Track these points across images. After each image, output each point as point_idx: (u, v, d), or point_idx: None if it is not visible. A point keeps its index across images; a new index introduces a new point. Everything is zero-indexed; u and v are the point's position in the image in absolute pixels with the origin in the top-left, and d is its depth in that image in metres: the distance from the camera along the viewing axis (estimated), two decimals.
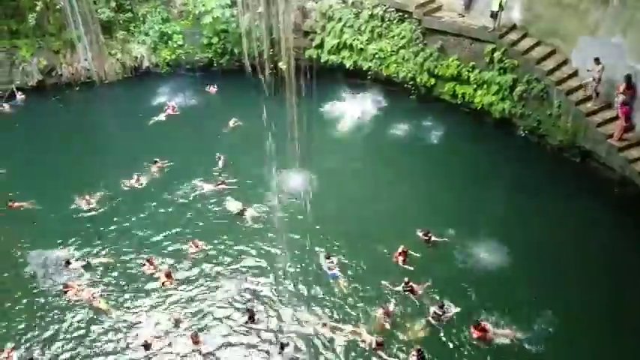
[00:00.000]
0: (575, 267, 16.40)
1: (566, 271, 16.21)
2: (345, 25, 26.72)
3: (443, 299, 15.08)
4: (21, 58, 29.49)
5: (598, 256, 16.89)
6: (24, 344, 14.38)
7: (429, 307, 14.90)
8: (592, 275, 16.12)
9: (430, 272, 16.22)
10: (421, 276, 16.00)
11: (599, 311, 14.83)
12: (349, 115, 25.97)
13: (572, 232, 17.90)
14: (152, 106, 28.02)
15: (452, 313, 14.68)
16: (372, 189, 20.73)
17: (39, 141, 25.54)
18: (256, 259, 17.17)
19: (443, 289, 15.58)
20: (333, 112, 26.22)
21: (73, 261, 16.91)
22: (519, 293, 15.58)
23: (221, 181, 20.91)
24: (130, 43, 31.11)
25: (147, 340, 13.89)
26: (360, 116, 25.90)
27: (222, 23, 28.96)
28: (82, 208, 19.65)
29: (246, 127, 25.05)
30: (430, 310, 14.75)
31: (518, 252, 16.87)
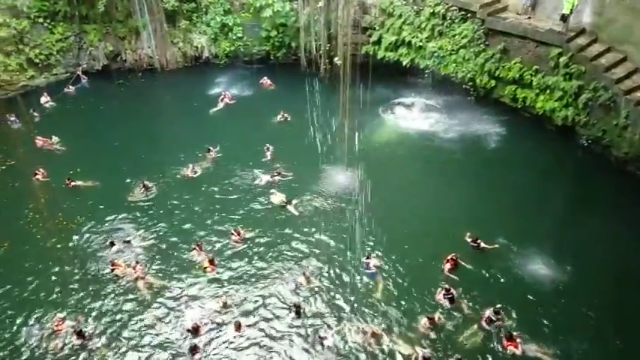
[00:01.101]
0: (637, 295, 15.27)
1: (624, 297, 15.09)
2: (405, 22, 26.23)
3: (485, 310, 14.50)
4: (89, 43, 30.80)
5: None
6: (69, 314, 14.98)
7: (480, 312, 14.44)
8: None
9: (475, 280, 15.68)
10: (465, 284, 15.48)
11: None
12: (403, 114, 25.55)
13: (635, 252, 16.75)
14: (209, 95, 28.58)
15: (506, 322, 14.10)
16: (421, 190, 20.28)
17: (101, 123, 26.59)
18: (297, 253, 17.13)
19: (487, 299, 14.96)
20: (386, 109, 25.86)
21: (117, 242, 17.46)
22: (568, 311, 14.72)
23: (277, 172, 20.98)
24: (191, 33, 31.85)
25: (196, 324, 14.09)
26: (414, 115, 25.42)
27: (282, 17, 29.11)
28: (138, 192, 20.21)
29: (296, 120, 25.07)
30: (485, 314, 14.27)
31: (573, 268, 15.99)
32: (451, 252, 16.24)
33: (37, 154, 22.99)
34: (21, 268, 16.73)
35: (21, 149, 22.73)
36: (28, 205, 19.38)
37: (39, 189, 20.33)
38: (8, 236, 17.88)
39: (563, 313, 14.63)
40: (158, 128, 26.21)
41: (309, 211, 19.04)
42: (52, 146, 23.82)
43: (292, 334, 14.18)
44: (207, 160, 22.29)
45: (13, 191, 20.65)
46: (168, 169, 21.62)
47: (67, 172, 21.36)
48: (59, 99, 28.74)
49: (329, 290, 15.56)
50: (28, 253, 17.37)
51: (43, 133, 24.20)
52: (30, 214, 19.06)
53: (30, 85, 29.33)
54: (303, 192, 20.08)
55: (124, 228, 18.49)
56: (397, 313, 14.69)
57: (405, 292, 15.41)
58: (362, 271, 16.15)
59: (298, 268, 16.41)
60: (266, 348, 13.87)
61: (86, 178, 21.12)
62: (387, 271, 16.14)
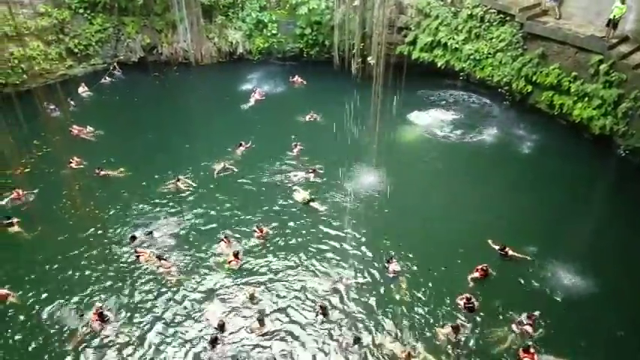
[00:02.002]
0: None
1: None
2: (442, 23, 25.89)
3: (509, 321, 14.17)
4: (126, 35, 31.39)
5: None
6: (94, 298, 15.26)
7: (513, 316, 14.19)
8: None
9: (500, 290, 15.31)
10: (489, 292, 15.14)
11: None
12: (436, 116, 25.26)
13: None
14: (240, 91, 28.82)
15: (535, 332, 13.77)
16: (450, 194, 19.90)
17: (135, 115, 27.10)
18: (319, 252, 17.03)
19: (511, 309, 14.57)
20: (419, 111, 25.57)
21: (138, 234, 17.70)
22: (595, 325, 14.23)
23: (312, 169, 20.95)
24: (227, 28, 32.13)
25: (222, 320, 14.15)
26: (447, 118, 25.08)
27: (317, 15, 29.09)
28: (171, 185, 20.40)
29: (325, 120, 25.05)
30: (519, 318, 13.99)
31: (604, 281, 15.47)
32: (477, 259, 15.96)
33: (72, 142, 23.55)
34: (52, 251, 17.14)
35: (57, 137, 23.28)
36: (61, 192, 19.85)
37: (73, 176, 20.80)
38: (42, 221, 18.33)
39: (590, 327, 14.21)
40: (190, 122, 26.51)
41: (333, 210, 18.95)
42: (87, 135, 24.38)
43: (315, 334, 14.10)
44: (237, 155, 22.43)
45: (49, 177, 21.19)
46: (199, 164, 21.82)
47: (100, 161, 21.85)
48: (96, 89, 29.43)
49: (350, 292, 15.37)
50: (60, 238, 17.77)
51: (79, 122, 24.80)
52: (63, 200, 19.52)
53: (68, 74, 30.07)
54: (329, 190, 20.03)
55: (151, 219, 18.74)
56: (416, 320, 14.44)
57: (425, 298, 15.13)
58: (384, 274, 15.96)
59: (322, 268, 16.33)
60: (288, 345, 13.83)
61: (118, 167, 21.51)
62: (409, 275, 15.89)
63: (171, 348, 13.80)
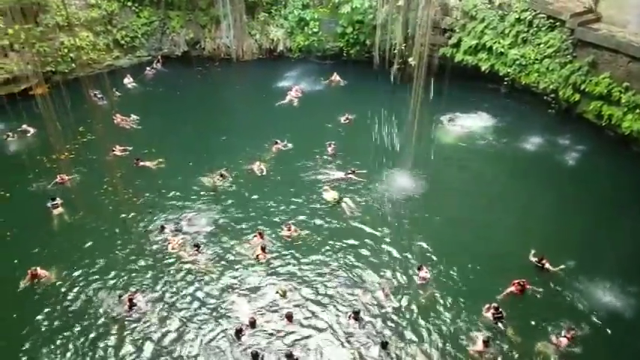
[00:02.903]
0: None
1: None
2: (488, 26, 25.29)
3: (544, 335, 13.68)
4: (171, 29, 32.00)
5: None
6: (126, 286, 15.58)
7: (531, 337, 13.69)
8: None
9: (535, 303, 14.78)
10: (522, 305, 14.66)
11: None
12: (476, 121, 24.69)
13: None
14: (278, 88, 28.91)
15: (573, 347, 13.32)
16: (487, 202, 19.38)
17: (176, 107, 27.55)
18: (348, 252, 16.86)
19: (543, 323, 14.09)
20: (459, 115, 25.06)
21: (167, 225, 17.94)
22: (630, 346, 13.61)
23: (352, 170, 20.77)
24: (269, 25, 32.33)
25: (253, 318, 14.14)
26: (488, 123, 24.51)
27: (360, 14, 28.91)
28: (214, 179, 20.49)
29: (363, 120, 24.79)
30: (558, 330, 13.61)
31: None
32: (511, 270, 15.53)
33: (115, 130, 24.17)
34: (90, 235, 17.65)
35: (101, 125, 23.93)
36: (103, 178, 20.36)
37: (114, 164, 21.30)
38: (84, 205, 18.88)
39: (627, 349, 13.61)
40: (228, 117, 26.81)
41: (365, 211, 18.75)
42: (129, 124, 24.93)
43: (342, 336, 13.94)
44: (273, 153, 22.49)
45: (92, 164, 21.81)
46: (234, 159, 21.96)
47: (140, 150, 22.34)
48: (140, 80, 30.11)
49: (381, 298, 15.09)
50: (98, 223, 18.27)
51: (123, 111, 25.41)
52: (104, 187, 20.03)
53: (115, 65, 30.88)
54: (362, 191, 19.84)
55: (184, 210, 18.98)
56: (444, 330, 14.08)
57: (454, 307, 14.74)
58: (414, 280, 15.65)
59: (351, 269, 16.17)
60: (313, 344, 13.74)
61: (156, 158, 21.90)
62: (439, 283, 15.52)
63: (195, 337, 13.93)
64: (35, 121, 23.32)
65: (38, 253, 16.79)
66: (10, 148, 23.33)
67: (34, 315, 14.61)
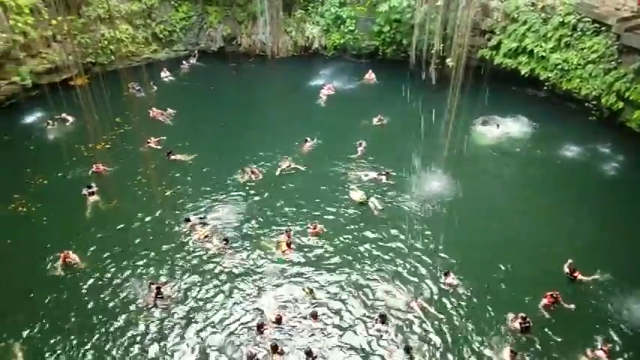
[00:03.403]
0: None
1: None
2: (530, 29, 24.62)
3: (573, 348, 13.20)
4: (209, 24, 32.35)
5: None
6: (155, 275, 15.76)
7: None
8: None
9: (569, 316, 14.23)
10: (557, 317, 14.13)
11: None
12: (514, 126, 24.07)
13: None
14: (310, 86, 28.89)
15: None
16: (521, 209, 18.80)
17: (210, 102, 27.85)
18: (375, 254, 16.59)
19: (580, 335, 13.58)
20: (496, 119, 24.47)
21: (192, 218, 18.05)
22: None
23: (386, 172, 20.46)
24: (305, 22, 32.32)
25: (279, 315, 14.10)
26: (526, 128, 23.87)
27: (397, 13, 28.59)
28: (244, 175, 20.50)
29: (396, 120, 24.54)
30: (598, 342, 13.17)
31: None
32: (542, 280, 15.04)
33: (150, 122, 24.53)
34: (122, 223, 17.95)
35: (137, 117, 24.33)
36: (137, 169, 20.69)
37: (149, 155, 21.62)
38: (118, 194, 19.29)
39: None
40: (261, 113, 26.85)
41: (393, 213, 18.46)
42: (164, 117, 25.26)
43: (366, 338, 13.75)
44: (303, 151, 22.43)
45: (127, 155, 22.20)
46: (264, 156, 21.94)
47: (173, 143, 22.60)
48: (176, 74, 30.51)
49: (403, 302, 14.81)
50: (132, 212, 18.55)
51: (158, 104, 25.78)
52: (138, 177, 20.35)
53: (152, 58, 31.42)
54: (391, 193, 19.57)
55: (212, 204, 19.03)
56: (468, 338, 13.70)
57: (480, 316, 14.28)
58: (440, 286, 15.28)
59: (376, 271, 15.96)
60: (337, 343, 13.59)
61: (189, 152, 22.09)
62: (466, 290, 15.08)
63: (218, 328, 13.97)
64: (74, 110, 23.87)
65: (71, 238, 17.14)
66: (49, 136, 23.96)
67: (63, 297, 14.96)
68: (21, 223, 18.11)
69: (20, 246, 16.97)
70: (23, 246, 16.98)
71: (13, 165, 21.53)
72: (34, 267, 16.06)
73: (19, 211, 18.60)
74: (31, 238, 17.35)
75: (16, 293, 15.09)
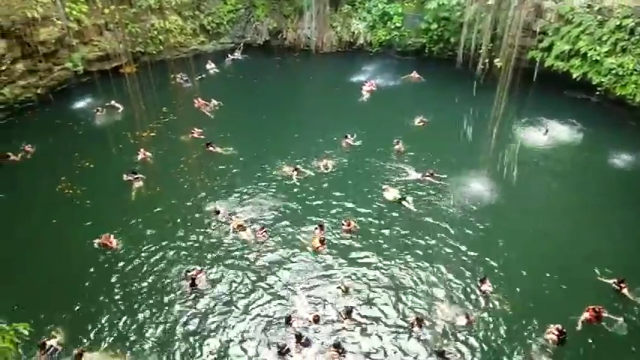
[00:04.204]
0: None
1: None
2: (584, 31, 23.67)
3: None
4: (256, 18, 32.60)
5: None
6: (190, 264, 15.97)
7: None
8: None
9: (612, 333, 13.53)
10: (599, 334, 13.50)
11: None
12: (562, 131, 23.25)
13: None
14: (352, 82, 28.73)
15: None
16: (566, 218, 18.11)
17: (253, 95, 28.05)
18: (409, 256, 16.24)
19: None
20: (545, 122, 23.69)
21: (221, 210, 18.12)
22: None
23: (430, 172, 20.06)
24: (351, 18, 32.14)
25: (317, 316, 13.97)
26: (575, 134, 23.01)
27: (446, 10, 28.07)
28: (288, 171, 20.40)
29: (438, 119, 24.05)
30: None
31: None
32: (582, 293, 14.43)
33: (194, 113, 24.93)
34: (162, 210, 18.31)
35: (182, 107, 24.79)
36: (180, 158, 21.11)
37: (191, 145, 21.99)
38: (161, 182, 19.72)
39: None
40: (302, 108, 26.96)
41: (430, 214, 18.08)
42: (208, 108, 25.63)
43: (398, 339, 13.51)
44: (342, 147, 22.29)
45: (170, 144, 22.65)
46: (303, 152, 21.84)
47: (216, 135, 22.86)
48: (221, 67, 30.92)
49: (448, 313, 14.37)
50: (172, 199, 18.92)
51: (203, 95, 26.14)
52: (180, 166, 20.76)
53: (199, 49, 31.90)
54: (431, 193, 19.19)
55: (251, 197, 19.07)
56: (502, 346, 13.25)
57: (514, 326, 13.78)
58: (475, 293, 14.85)
59: (411, 272, 15.69)
60: (369, 342, 13.42)
61: (228, 144, 22.28)
62: (502, 298, 14.58)
63: (247, 318, 14.05)
64: (122, 98, 24.56)
65: (113, 221, 17.57)
66: (98, 122, 24.75)
67: (100, 278, 15.37)
68: (66, 204, 18.74)
69: (63, 226, 17.58)
70: (66, 226, 17.57)
71: (62, 148, 22.32)
72: (75, 247, 16.54)
73: (65, 193, 19.26)
74: (74, 220, 17.92)
75: (55, 272, 15.56)
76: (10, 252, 16.26)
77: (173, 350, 13.16)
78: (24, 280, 15.17)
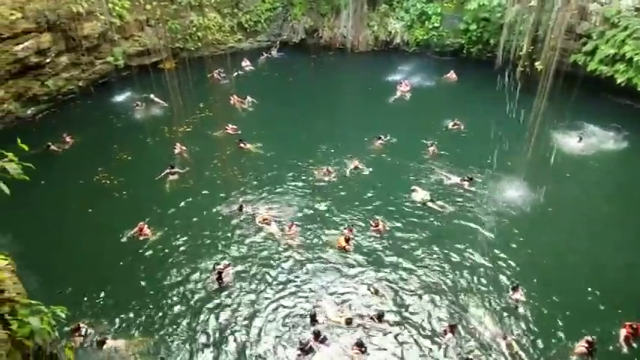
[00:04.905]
0: None
1: None
2: (631, 35, 22.77)
3: None
4: (293, 16, 32.75)
5: None
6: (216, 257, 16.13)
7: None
8: None
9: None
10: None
11: None
12: (605, 138, 22.48)
13: None
14: (387, 82, 28.50)
15: None
16: (604, 230, 17.41)
17: (287, 93, 28.23)
18: (435, 257, 15.95)
19: None
20: (585, 129, 22.97)
21: (247, 206, 18.18)
22: None
23: (469, 177, 19.59)
24: (388, 17, 31.94)
25: (350, 318, 13.79)
26: (618, 143, 22.20)
27: (487, 11, 27.56)
28: (320, 173, 20.28)
29: (474, 122, 23.58)
30: None
31: None
32: (622, 308, 13.80)
33: (229, 109, 25.24)
34: (195, 203, 18.56)
35: (219, 103, 25.10)
36: (214, 153, 21.40)
37: (225, 141, 22.26)
38: (194, 176, 20.09)
39: None
40: (335, 107, 26.87)
41: (462, 218, 17.70)
42: (243, 106, 25.88)
43: (430, 346, 13.23)
44: (374, 148, 22.10)
45: (206, 139, 22.97)
46: (335, 152, 21.78)
47: (250, 132, 23.03)
48: (257, 64, 31.17)
49: (471, 318, 14.06)
50: (204, 193, 19.19)
51: (238, 92, 26.42)
52: (214, 162, 21.05)
53: (236, 47, 32.28)
54: (465, 197, 18.83)
55: (281, 196, 19.04)
56: (533, 357, 12.84)
57: (545, 337, 13.28)
58: (506, 301, 14.44)
59: (440, 276, 15.41)
60: (400, 347, 13.19)
61: (262, 141, 22.42)
62: (533, 308, 14.13)
63: (271, 313, 14.05)
64: (161, 93, 25.03)
65: (146, 212, 17.87)
66: (136, 116, 25.33)
67: (132, 266, 15.69)
68: (103, 194, 19.23)
69: (99, 215, 18.03)
70: (102, 216, 18.01)
71: (101, 140, 22.93)
72: (108, 236, 16.91)
73: (103, 184, 19.79)
74: (110, 210, 18.37)
75: (88, 258, 15.94)
76: (48, 238, 16.80)
77: (197, 342, 13.26)
78: (59, 265, 15.57)
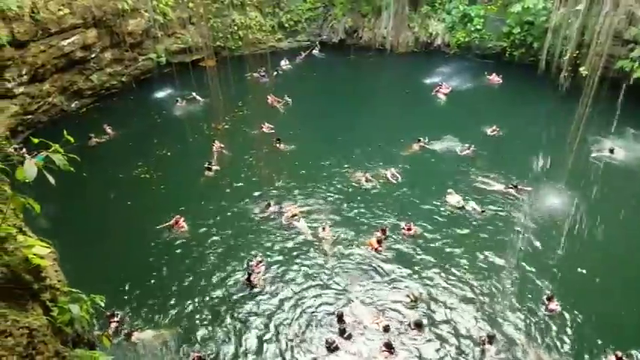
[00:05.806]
0: None
1: None
2: None
3: None
4: (333, 16, 32.80)
5: None
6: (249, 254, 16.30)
7: None
8: None
9: None
10: None
11: None
12: None
13: None
14: (424, 84, 28.18)
15: None
16: None
17: (324, 93, 28.31)
18: (469, 264, 15.60)
19: None
20: (632, 137, 22.09)
21: (272, 203, 18.28)
22: None
23: (513, 185, 18.98)
24: (430, 19, 31.60)
25: (387, 325, 13.62)
26: None
27: (531, 14, 26.86)
28: (359, 176, 20.10)
29: (517, 125, 23.02)
30: None
31: None
32: None
33: (266, 108, 25.46)
34: (230, 200, 18.82)
35: (256, 102, 25.40)
36: (250, 151, 21.68)
37: (261, 140, 22.53)
38: (231, 173, 20.43)
39: None
40: (372, 108, 26.66)
41: (500, 224, 17.31)
42: (280, 105, 26.04)
43: (467, 356, 13.01)
44: (411, 150, 21.85)
45: (244, 136, 23.32)
46: (370, 156, 21.56)
47: (285, 131, 23.11)
48: (296, 64, 31.35)
49: (507, 327, 13.73)
50: (239, 189, 19.46)
51: (276, 91, 26.66)
52: (250, 159, 21.36)
53: (276, 46, 32.56)
54: (500, 202, 18.41)
55: (314, 197, 19.00)
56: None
57: (578, 349, 12.94)
58: (541, 310, 14.08)
59: (476, 282, 15.10)
60: (436, 354, 12.97)
61: (297, 141, 22.44)
62: (568, 319, 13.73)
63: (300, 312, 14.10)
64: (201, 90, 25.54)
65: (183, 206, 18.25)
66: (177, 112, 25.92)
67: (166, 258, 16.08)
68: (141, 187, 19.79)
69: (137, 208, 18.57)
70: (140, 209, 18.55)
71: (142, 135, 23.57)
72: (144, 229, 17.39)
73: (142, 177, 20.34)
74: (147, 203, 18.91)
75: (124, 249, 16.42)
76: (87, 228, 17.37)
77: (222, 335, 13.47)
78: (97, 255, 15.99)
